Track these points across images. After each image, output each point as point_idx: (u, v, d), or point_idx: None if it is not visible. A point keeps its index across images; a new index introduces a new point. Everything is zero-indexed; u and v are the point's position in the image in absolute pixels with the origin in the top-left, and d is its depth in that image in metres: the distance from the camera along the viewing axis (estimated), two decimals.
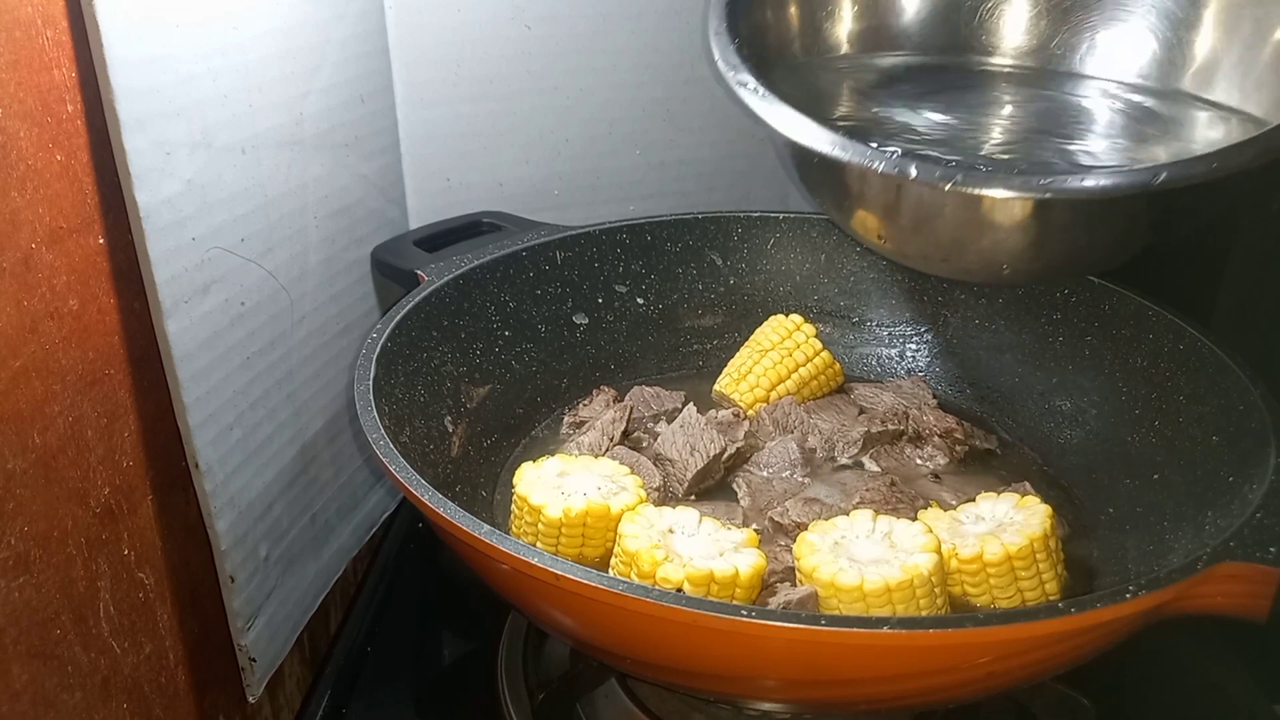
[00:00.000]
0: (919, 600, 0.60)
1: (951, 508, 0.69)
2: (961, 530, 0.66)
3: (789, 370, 0.85)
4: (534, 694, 0.71)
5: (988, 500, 0.69)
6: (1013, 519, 0.66)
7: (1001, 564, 0.63)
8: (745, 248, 0.96)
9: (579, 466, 0.70)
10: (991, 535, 0.64)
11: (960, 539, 0.65)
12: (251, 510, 0.73)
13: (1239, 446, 0.65)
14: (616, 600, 0.50)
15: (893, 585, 0.59)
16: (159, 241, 0.62)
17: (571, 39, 0.97)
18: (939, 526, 0.66)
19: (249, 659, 0.75)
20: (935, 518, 0.67)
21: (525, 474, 0.69)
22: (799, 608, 0.60)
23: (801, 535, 0.64)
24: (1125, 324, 0.79)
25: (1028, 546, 0.63)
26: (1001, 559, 0.62)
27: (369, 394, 0.66)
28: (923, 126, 0.64)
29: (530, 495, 0.67)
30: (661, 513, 0.64)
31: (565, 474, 0.69)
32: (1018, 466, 0.81)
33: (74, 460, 0.60)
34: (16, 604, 0.56)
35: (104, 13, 0.56)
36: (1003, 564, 0.63)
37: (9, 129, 0.54)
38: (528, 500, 0.67)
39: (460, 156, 0.99)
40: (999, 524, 0.66)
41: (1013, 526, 0.65)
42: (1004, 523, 0.66)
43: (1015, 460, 0.82)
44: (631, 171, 1.04)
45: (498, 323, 0.85)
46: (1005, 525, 0.65)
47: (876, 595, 0.59)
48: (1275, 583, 0.51)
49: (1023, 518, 0.66)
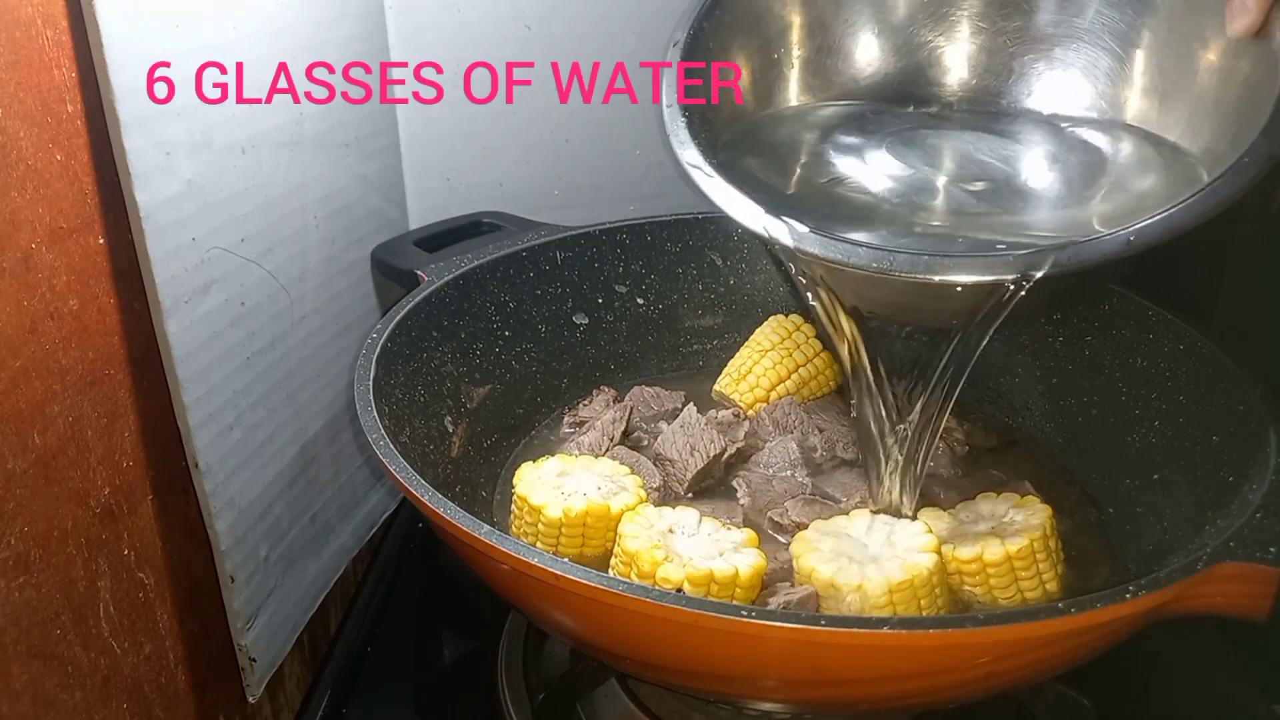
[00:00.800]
0: (919, 600, 0.60)
1: (951, 507, 0.69)
2: (961, 530, 0.66)
3: (789, 370, 0.85)
4: (534, 694, 0.71)
5: (987, 500, 0.69)
6: (1013, 519, 0.66)
7: (1001, 564, 0.63)
8: (745, 248, 0.96)
9: (579, 467, 0.70)
10: (992, 535, 0.64)
11: (960, 539, 0.65)
12: (251, 510, 0.73)
13: (1239, 446, 0.65)
14: (616, 600, 0.50)
15: (893, 585, 0.59)
16: (159, 241, 0.62)
17: (571, 39, 0.97)
18: (939, 526, 0.66)
19: (249, 659, 0.75)
20: (935, 517, 0.67)
21: (525, 474, 0.69)
22: (799, 608, 0.60)
23: (800, 535, 0.64)
24: (1125, 324, 0.79)
25: (1028, 547, 0.63)
26: (1001, 559, 0.62)
27: (369, 394, 0.66)
28: (878, 188, 0.65)
29: (530, 495, 0.67)
30: (661, 513, 0.65)
31: (565, 474, 0.69)
32: (1017, 466, 0.80)
33: (74, 460, 0.60)
34: (16, 604, 0.56)
35: (104, 13, 0.56)
36: (1002, 564, 0.63)
37: (9, 129, 0.54)
38: (528, 500, 0.67)
39: (460, 156, 0.99)
40: (999, 524, 0.66)
41: (1013, 526, 0.65)
42: (1004, 522, 0.66)
43: (1015, 460, 0.82)
44: (631, 171, 1.04)
45: (498, 323, 0.85)
46: (1005, 525, 0.66)
47: (877, 595, 0.59)
48: (1275, 583, 0.51)
49: (1023, 518, 0.66)
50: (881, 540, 0.63)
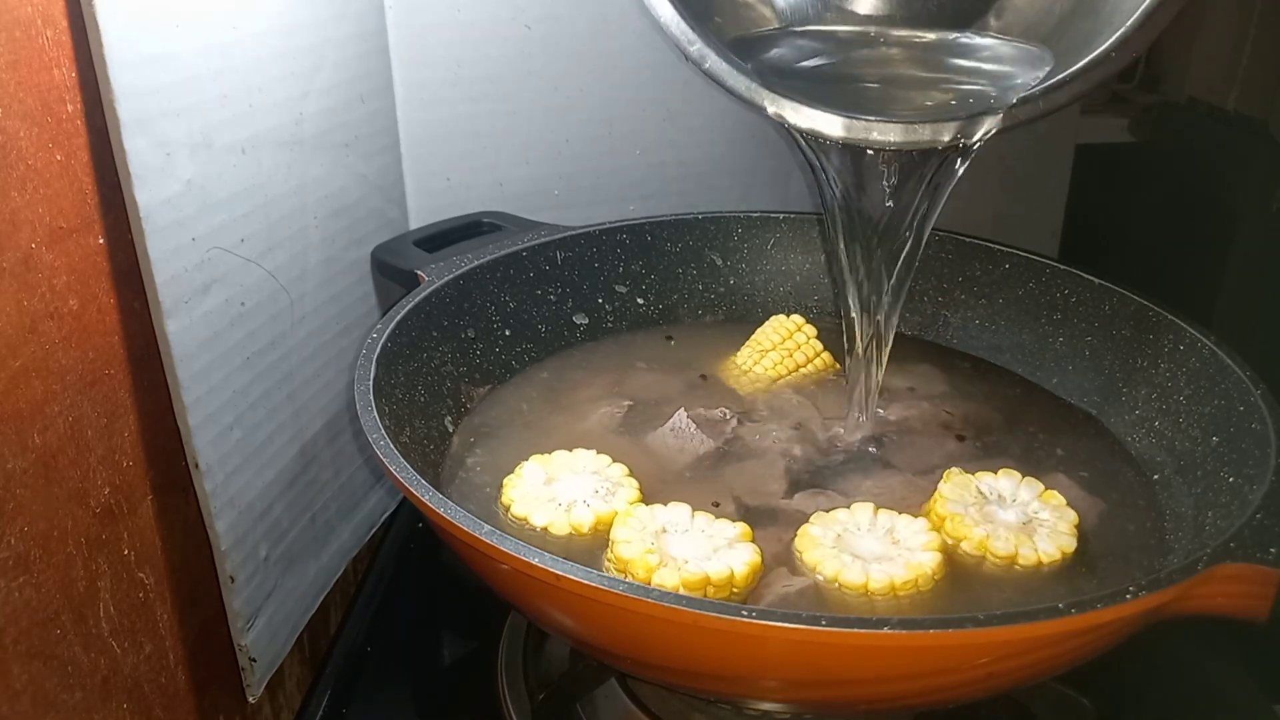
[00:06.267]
0: (922, 591, 0.60)
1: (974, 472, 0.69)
2: (990, 512, 0.65)
3: (789, 370, 0.85)
4: (534, 694, 0.70)
5: (1009, 478, 0.68)
6: (1040, 516, 0.65)
7: (1033, 567, 0.63)
8: (745, 248, 0.96)
9: (559, 467, 0.69)
10: (1025, 535, 0.64)
11: (991, 525, 0.64)
12: (251, 510, 0.73)
13: (1239, 446, 0.65)
14: (616, 600, 0.50)
15: (898, 584, 0.59)
16: (159, 241, 0.62)
17: (571, 39, 0.97)
18: (965, 496, 0.66)
19: (249, 659, 0.75)
20: (964, 485, 0.67)
21: (512, 492, 0.67)
22: (798, 600, 0.60)
23: (803, 529, 0.64)
24: (1125, 324, 0.79)
25: (1060, 561, 0.63)
26: (1034, 564, 0.62)
27: (369, 394, 0.66)
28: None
29: (531, 516, 0.66)
30: (653, 512, 0.64)
31: (552, 480, 0.68)
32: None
33: (74, 460, 0.60)
34: (16, 604, 0.56)
35: (104, 13, 0.56)
36: (1034, 567, 0.63)
37: (9, 129, 0.54)
38: (528, 521, 0.66)
39: (460, 156, 0.99)
40: (1027, 518, 0.65)
41: (1044, 528, 0.64)
42: (1032, 518, 0.65)
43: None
44: (631, 171, 1.04)
45: (498, 323, 0.85)
46: (1035, 523, 0.65)
47: (882, 593, 0.59)
48: (1275, 583, 0.51)
49: (1050, 519, 0.65)
50: (883, 534, 0.63)
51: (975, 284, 0.90)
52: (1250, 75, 1.21)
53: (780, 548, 0.67)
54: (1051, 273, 0.86)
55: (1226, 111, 1.24)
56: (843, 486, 0.75)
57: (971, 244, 0.90)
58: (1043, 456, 0.76)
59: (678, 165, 1.05)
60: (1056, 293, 0.85)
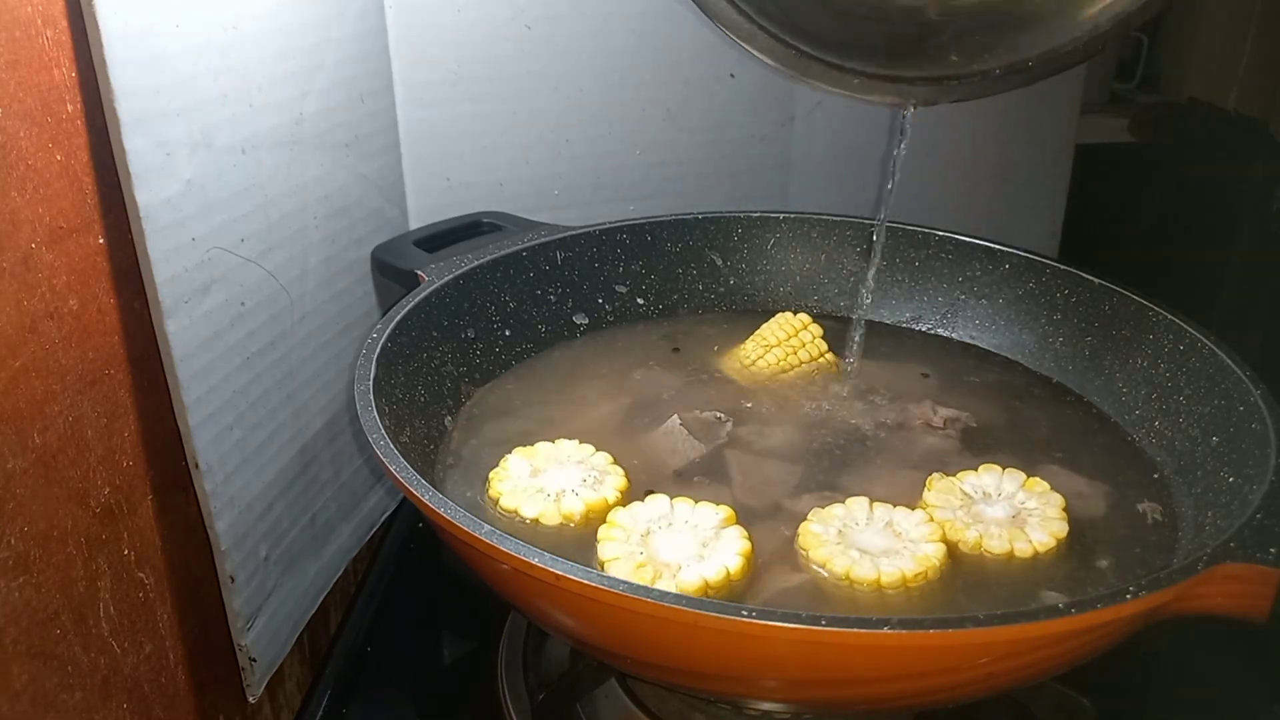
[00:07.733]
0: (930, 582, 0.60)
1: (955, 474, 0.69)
2: (978, 512, 0.65)
3: (792, 366, 0.86)
4: (534, 694, 0.70)
5: (991, 473, 0.68)
6: (1028, 506, 0.65)
7: (1031, 557, 0.63)
8: (745, 248, 0.96)
9: (545, 459, 0.69)
10: (1017, 529, 0.64)
11: (982, 525, 0.64)
12: (251, 510, 0.73)
13: (1239, 446, 0.65)
14: (616, 600, 0.50)
15: (909, 576, 0.59)
16: (159, 241, 0.62)
17: (571, 39, 0.97)
18: (951, 500, 0.66)
19: (249, 659, 0.75)
20: (948, 489, 0.67)
21: (500, 485, 0.67)
22: (796, 596, 0.60)
23: (804, 526, 0.64)
24: (1125, 324, 0.79)
25: (1055, 549, 0.63)
26: (1030, 556, 0.62)
27: (369, 394, 0.66)
28: None
29: (521, 508, 0.66)
30: (634, 514, 0.63)
31: (538, 471, 0.68)
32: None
33: (74, 460, 0.60)
34: (16, 604, 0.56)
35: (104, 13, 0.56)
36: (1032, 557, 0.63)
37: (9, 129, 0.54)
38: (519, 514, 0.66)
39: (460, 156, 0.99)
40: (1016, 510, 0.65)
41: (1034, 518, 0.64)
42: (1020, 509, 0.65)
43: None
44: (631, 171, 1.04)
45: (498, 323, 0.85)
46: (1024, 513, 0.65)
47: (894, 587, 0.59)
48: (1275, 584, 0.51)
49: (1039, 507, 0.65)
50: (883, 528, 0.63)
51: (975, 284, 0.90)
52: (1250, 75, 1.21)
53: (779, 544, 0.67)
54: (1051, 273, 0.86)
55: (1226, 111, 1.24)
56: (839, 482, 0.75)
57: (971, 244, 0.90)
58: (1042, 457, 0.76)
59: (678, 165, 1.05)
60: (1056, 293, 0.85)
